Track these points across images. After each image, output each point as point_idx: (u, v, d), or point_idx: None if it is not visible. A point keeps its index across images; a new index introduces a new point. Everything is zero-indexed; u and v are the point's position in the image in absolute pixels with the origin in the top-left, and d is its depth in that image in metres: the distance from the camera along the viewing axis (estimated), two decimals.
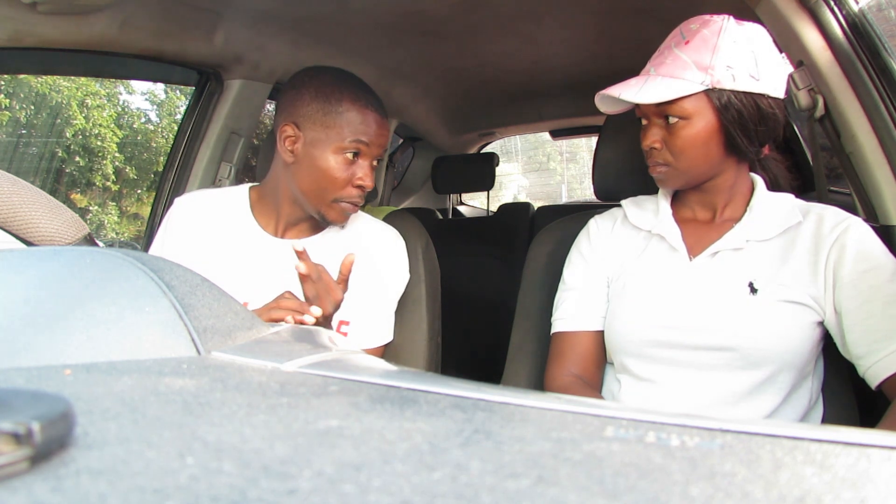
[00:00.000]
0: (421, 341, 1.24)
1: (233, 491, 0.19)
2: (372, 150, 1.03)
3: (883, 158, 1.08)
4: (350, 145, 1.01)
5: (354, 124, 1.01)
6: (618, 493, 0.20)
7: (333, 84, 1.03)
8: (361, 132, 1.01)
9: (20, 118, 4.61)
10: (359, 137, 1.01)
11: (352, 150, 1.01)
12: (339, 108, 1.01)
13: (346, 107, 1.01)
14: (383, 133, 1.04)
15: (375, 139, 1.03)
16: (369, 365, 0.45)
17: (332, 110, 1.01)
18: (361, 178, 1.03)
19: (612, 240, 1.04)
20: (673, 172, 0.92)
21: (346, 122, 1.01)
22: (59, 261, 0.42)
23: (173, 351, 0.37)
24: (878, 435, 0.26)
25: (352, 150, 1.01)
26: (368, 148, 1.02)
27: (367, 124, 1.02)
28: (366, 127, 1.02)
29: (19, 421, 0.20)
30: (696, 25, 0.89)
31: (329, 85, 1.03)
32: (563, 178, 12.86)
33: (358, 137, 1.01)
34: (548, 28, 1.77)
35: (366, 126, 1.02)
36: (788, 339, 0.86)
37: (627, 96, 0.88)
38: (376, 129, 1.03)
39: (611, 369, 1.03)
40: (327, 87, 1.03)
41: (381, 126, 1.04)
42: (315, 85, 1.03)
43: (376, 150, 1.04)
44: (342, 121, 1.01)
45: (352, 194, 1.03)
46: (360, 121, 1.01)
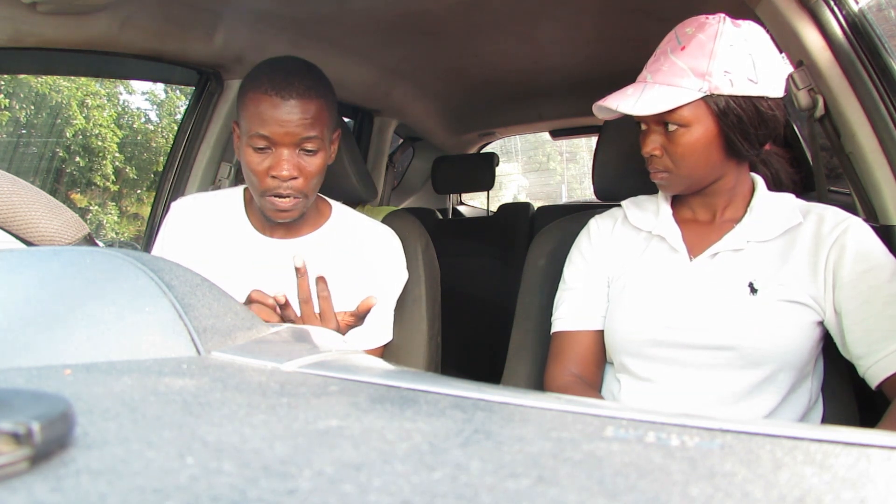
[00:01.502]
0: (421, 341, 1.24)
1: (233, 491, 0.19)
2: (280, 138, 0.95)
3: (883, 158, 1.08)
4: (252, 138, 0.96)
5: (252, 115, 0.96)
6: (618, 493, 0.20)
7: (252, 73, 1.01)
8: (258, 123, 0.96)
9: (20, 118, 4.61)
10: (257, 130, 0.96)
11: (258, 144, 0.96)
12: (244, 100, 0.99)
13: (248, 97, 0.97)
14: (288, 118, 0.95)
15: (279, 127, 0.95)
16: (369, 365, 0.45)
17: (241, 101, 0.99)
18: (273, 167, 0.96)
19: (613, 240, 1.04)
20: (674, 178, 0.92)
21: (247, 114, 0.97)
22: (59, 261, 0.42)
23: (173, 351, 0.37)
24: (878, 435, 0.26)
25: (258, 144, 0.96)
26: (273, 137, 0.96)
27: (262, 113, 0.95)
28: (266, 116, 0.95)
29: (19, 421, 0.20)
30: (691, 29, 0.88)
31: (249, 75, 1.01)
32: (563, 178, 12.85)
33: (256, 130, 0.96)
34: (547, 28, 1.77)
35: (261, 115, 0.95)
36: (788, 339, 0.86)
37: (625, 108, 0.88)
38: (277, 116, 0.95)
39: (611, 369, 1.03)
40: (247, 77, 1.01)
41: (285, 110, 0.95)
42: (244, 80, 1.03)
43: (287, 138, 0.96)
44: (245, 113, 0.98)
45: (271, 186, 0.97)
46: (259, 110, 0.96)
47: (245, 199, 1.13)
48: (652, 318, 0.93)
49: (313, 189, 1.03)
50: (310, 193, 1.02)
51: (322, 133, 0.99)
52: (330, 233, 1.12)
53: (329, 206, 1.16)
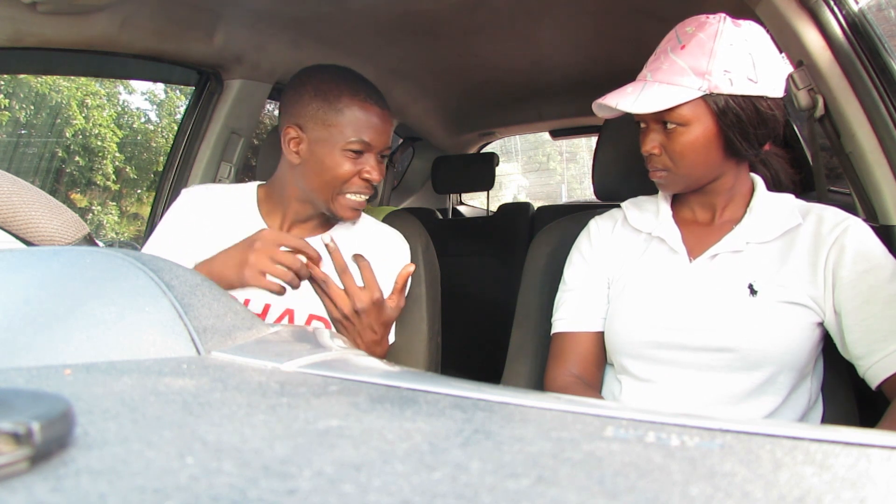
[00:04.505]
0: (421, 341, 1.24)
1: (233, 491, 0.19)
2: (376, 145, 1.02)
3: (883, 158, 1.08)
4: (354, 143, 1.00)
5: (356, 122, 1.00)
6: (618, 493, 0.20)
7: (332, 81, 1.03)
8: (362, 130, 1.01)
9: (20, 118, 4.61)
10: (361, 136, 1.00)
11: (355, 148, 1.01)
12: (339, 106, 1.00)
13: (345, 103, 1.01)
14: (386, 128, 1.04)
15: (378, 135, 1.02)
16: (369, 365, 0.45)
17: (332, 108, 1.01)
18: (368, 171, 1.02)
19: (613, 241, 1.04)
20: (673, 177, 0.92)
21: (348, 121, 1.00)
22: (59, 261, 0.42)
23: (173, 351, 0.37)
24: (878, 435, 0.26)
25: (355, 148, 1.01)
26: (372, 144, 1.02)
27: (368, 121, 1.01)
28: (367, 124, 1.01)
29: (19, 421, 0.20)
30: (691, 28, 0.88)
31: (327, 83, 1.02)
32: (562, 178, 12.86)
33: (360, 136, 1.00)
34: (547, 28, 1.77)
35: (367, 122, 1.01)
36: (788, 341, 0.86)
37: (624, 106, 0.88)
38: (379, 125, 1.02)
39: (611, 370, 1.03)
40: (326, 84, 1.02)
41: (384, 120, 1.03)
42: (314, 84, 1.03)
43: (381, 145, 1.03)
44: (343, 119, 1.00)
45: (358, 185, 1.03)
46: (361, 118, 1.01)
47: (259, 197, 1.12)
48: (652, 319, 0.93)
49: None
50: None
51: None
52: (341, 233, 1.12)
53: None
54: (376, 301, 0.89)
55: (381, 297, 0.90)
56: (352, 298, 0.89)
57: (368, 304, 0.89)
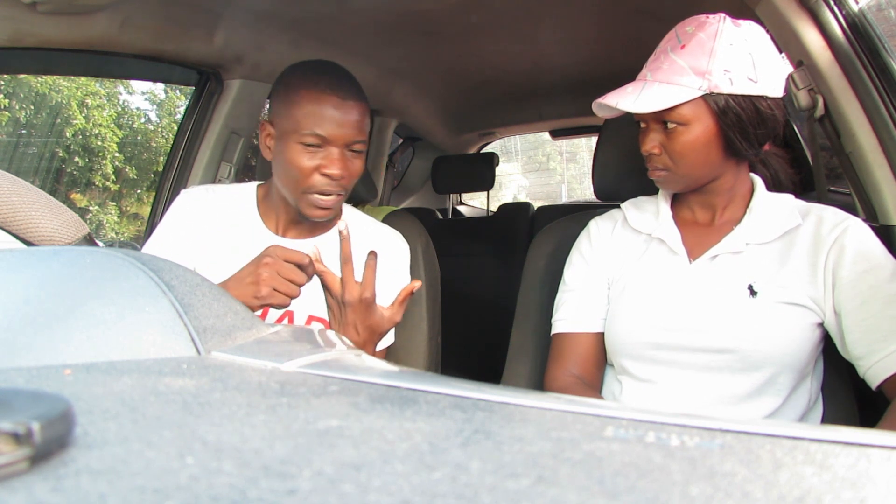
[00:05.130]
0: (421, 341, 1.24)
1: (233, 491, 0.19)
2: (335, 138, 0.98)
3: (883, 158, 1.08)
4: (307, 137, 0.97)
5: (310, 113, 0.97)
6: (618, 493, 0.20)
7: (295, 75, 1.02)
8: (317, 122, 0.97)
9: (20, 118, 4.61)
10: (313, 129, 0.97)
11: (311, 141, 0.97)
12: (296, 98, 0.99)
13: (301, 96, 0.98)
14: (348, 119, 0.98)
15: (337, 127, 0.97)
16: (369, 365, 0.45)
17: (291, 101, 0.99)
18: (326, 166, 0.98)
19: (613, 242, 1.04)
20: (672, 176, 0.92)
21: (303, 113, 0.98)
22: (59, 261, 0.42)
23: (173, 351, 0.37)
24: (878, 435, 0.26)
25: (311, 141, 0.97)
26: (328, 137, 0.97)
27: (323, 112, 0.97)
28: (322, 115, 0.97)
29: (19, 421, 0.20)
30: (691, 28, 0.89)
31: (292, 76, 1.02)
32: (562, 178, 12.86)
33: (312, 129, 0.97)
34: (548, 28, 1.77)
35: (322, 114, 0.97)
36: (788, 341, 0.86)
37: (624, 105, 0.88)
38: (337, 116, 0.97)
39: (611, 371, 1.03)
40: (289, 77, 1.02)
41: (345, 111, 0.98)
42: (284, 79, 1.03)
43: (342, 139, 0.98)
44: (299, 112, 0.98)
45: (318, 184, 0.99)
46: (315, 109, 0.97)
47: (258, 197, 1.12)
48: (652, 320, 0.93)
49: (350, 190, 1.05)
50: (347, 194, 1.05)
51: (367, 136, 1.03)
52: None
53: (339, 208, 1.16)
54: (364, 299, 0.88)
55: (370, 298, 0.88)
56: (343, 287, 0.88)
57: (356, 299, 0.88)
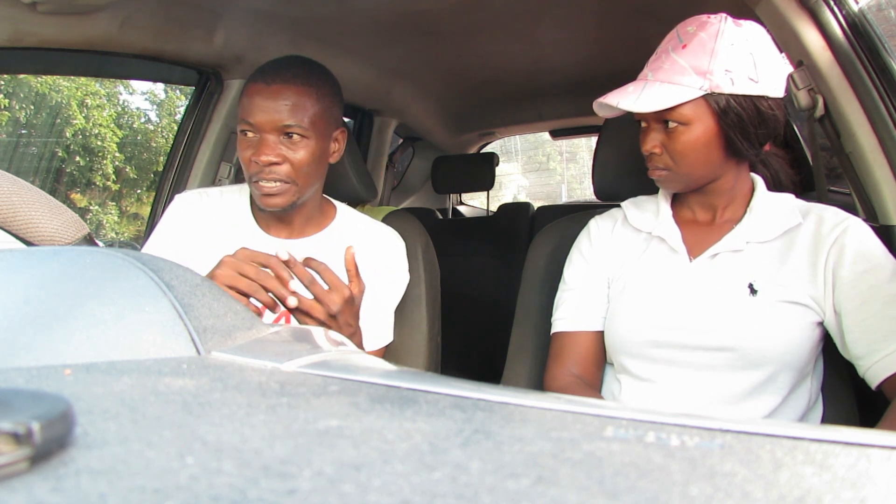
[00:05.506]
0: (421, 341, 1.24)
1: (233, 491, 0.19)
2: (263, 124, 0.97)
3: (883, 158, 1.08)
4: (242, 125, 1.00)
5: (243, 105, 1.00)
6: (618, 493, 0.20)
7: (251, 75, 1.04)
8: (246, 111, 0.99)
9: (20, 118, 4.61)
10: (244, 118, 0.99)
11: (244, 129, 1.00)
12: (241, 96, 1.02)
13: (243, 91, 1.02)
14: (272, 106, 0.97)
15: (261, 113, 0.97)
16: (369, 365, 0.45)
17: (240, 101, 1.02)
18: (255, 153, 0.98)
19: (613, 240, 1.04)
20: (673, 176, 0.92)
21: (242, 105, 1.01)
22: (59, 261, 0.42)
23: (173, 351, 0.37)
24: (878, 435, 0.26)
25: (244, 129, 1.00)
26: (255, 123, 0.98)
27: (251, 101, 0.98)
28: (249, 104, 0.98)
29: (19, 421, 0.20)
30: (693, 28, 0.89)
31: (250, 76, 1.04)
32: (563, 178, 12.86)
33: (244, 118, 0.99)
34: (548, 28, 1.77)
35: (249, 103, 0.99)
36: (788, 340, 0.86)
37: (626, 105, 0.88)
38: (261, 102, 0.97)
39: (611, 370, 1.03)
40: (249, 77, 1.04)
41: (269, 96, 0.97)
42: None
43: (271, 123, 0.97)
44: (241, 104, 1.01)
45: (254, 171, 0.99)
46: (245, 100, 0.99)
47: (251, 198, 1.12)
48: (652, 319, 0.93)
49: (305, 179, 1.02)
50: (300, 182, 1.01)
51: (309, 123, 0.99)
52: (335, 234, 1.12)
53: (334, 208, 1.16)
54: (347, 299, 0.87)
55: (350, 294, 0.87)
56: (325, 305, 0.85)
57: (342, 305, 0.86)
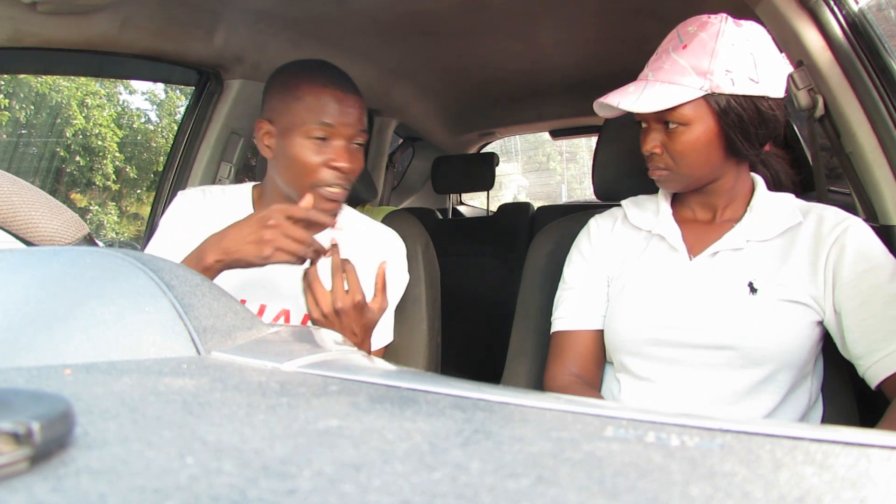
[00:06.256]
0: (421, 341, 1.24)
1: (233, 491, 0.19)
2: (341, 129, 1.00)
3: (883, 158, 1.08)
4: (314, 128, 0.99)
5: (313, 106, 0.99)
6: (618, 493, 0.20)
7: (293, 71, 1.03)
8: (321, 113, 0.99)
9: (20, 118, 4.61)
10: (320, 119, 0.98)
11: (317, 134, 0.99)
12: (298, 93, 1.00)
13: (304, 90, 1.00)
14: (349, 110, 1.00)
15: (341, 118, 0.99)
16: (369, 365, 0.45)
17: (291, 96, 1.00)
18: (335, 159, 0.99)
19: (613, 239, 1.04)
20: (673, 176, 0.92)
21: (305, 107, 0.99)
22: (59, 261, 0.42)
23: (173, 351, 0.37)
24: (878, 435, 0.26)
25: (317, 134, 0.99)
26: (335, 128, 0.99)
27: (326, 104, 0.99)
28: (324, 107, 0.99)
29: (19, 421, 0.20)
30: (693, 28, 0.89)
31: (289, 73, 1.03)
32: (562, 178, 12.86)
33: (320, 119, 0.98)
34: (548, 28, 1.77)
35: (326, 105, 0.99)
36: (788, 339, 0.86)
37: (626, 105, 0.88)
38: (338, 108, 0.99)
39: (610, 369, 1.03)
40: (286, 75, 1.03)
41: (347, 103, 1.00)
42: (280, 77, 1.04)
43: (347, 130, 1.00)
44: (301, 105, 1.00)
45: (327, 177, 1.00)
46: (319, 101, 0.99)
47: (254, 198, 1.12)
48: (651, 317, 0.93)
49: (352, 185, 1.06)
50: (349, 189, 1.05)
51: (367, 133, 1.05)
52: (337, 234, 1.12)
53: None
54: (357, 304, 0.89)
55: (362, 301, 0.90)
56: (335, 297, 0.89)
57: (349, 306, 0.89)
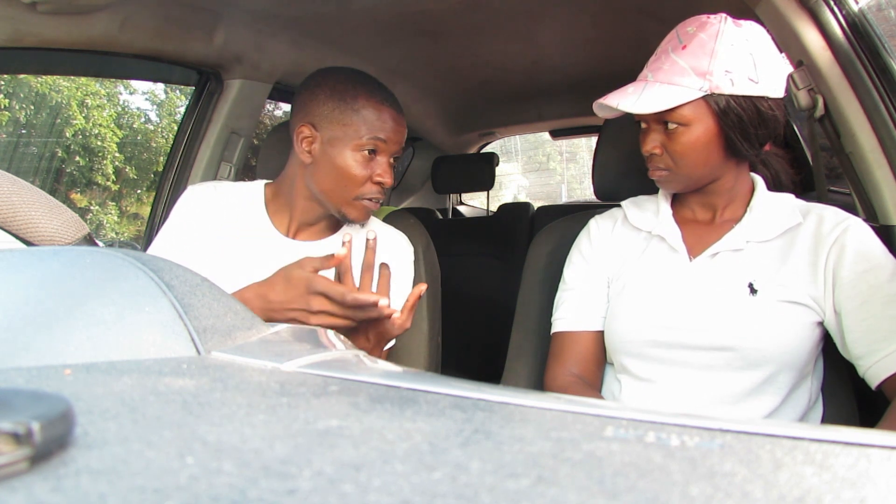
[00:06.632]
0: (421, 341, 1.24)
1: (233, 491, 0.19)
2: (390, 146, 1.03)
3: (883, 158, 1.08)
4: (368, 142, 1.00)
5: (371, 121, 1.01)
6: (618, 493, 0.20)
7: (348, 82, 1.03)
8: (378, 129, 1.01)
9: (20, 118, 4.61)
10: (376, 134, 1.01)
11: (369, 147, 1.01)
12: (356, 106, 1.01)
13: (361, 104, 1.01)
14: (400, 129, 1.04)
15: (393, 135, 1.03)
16: (369, 365, 0.45)
17: (349, 108, 1.01)
18: (381, 174, 1.02)
19: (613, 240, 1.04)
20: (673, 176, 0.92)
21: (363, 120, 1.01)
22: (59, 261, 0.42)
23: (173, 351, 0.37)
24: (878, 435, 0.26)
25: (369, 147, 1.01)
26: (386, 145, 1.02)
27: (383, 121, 1.02)
28: (382, 123, 1.01)
29: (19, 421, 0.20)
30: (692, 28, 0.89)
31: (344, 83, 1.03)
32: (562, 178, 12.86)
33: (375, 134, 1.01)
34: (548, 28, 1.77)
35: (382, 122, 1.01)
36: (788, 340, 0.86)
37: (625, 106, 0.88)
38: (393, 126, 1.03)
39: (611, 369, 1.03)
40: (342, 84, 1.03)
41: (398, 122, 1.04)
42: (330, 84, 1.03)
43: (394, 147, 1.04)
44: (358, 118, 1.01)
45: (372, 191, 1.03)
46: (376, 117, 1.01)
47: (266, 197, 1.11)
48: (652, 318, 0.93)
49: None
50: None
51: None
52: (370, 234, 1.11)
53: None
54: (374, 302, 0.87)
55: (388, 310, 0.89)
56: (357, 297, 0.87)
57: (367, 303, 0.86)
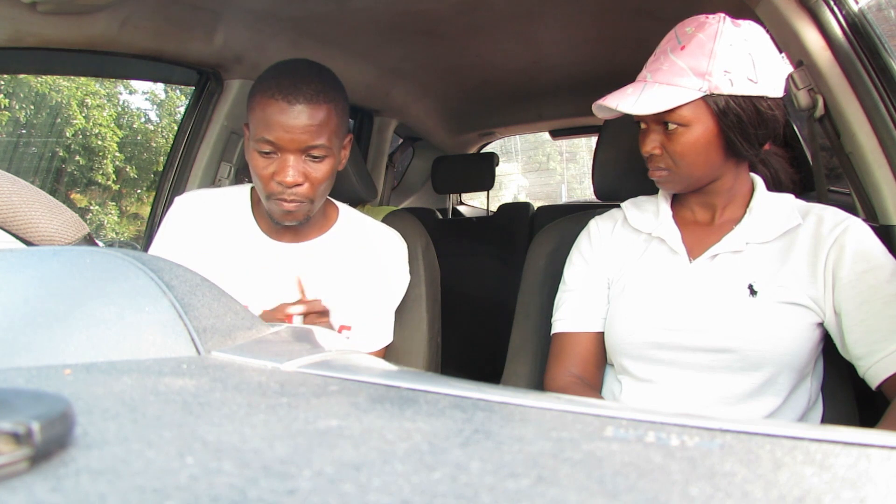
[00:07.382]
0: (421, 341, 1.24)
1: (233, 491, 0.19)
2: (288, 144, 0.94)
3: (883, 158, 1.08)
4: (260, 143, 0.95)
5: (261, 119, 0.94)
6: (618, 493, 0.20)
7: (259, 79, 0.99)
8: (265, 127, 0.94)
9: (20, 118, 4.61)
10: (262, 134, 0.94)
11: (264, 149, 0.95)
12: (252, 104, 0.97)
13: (256, 101, 0.96)
14: (296, 125, 0.93)
15: (285, 132, 0.93)
16: (369, 365, 0.45)
17: (250, 106, 0.98)
18: (278, 172, 0.95)
19: (613, 241, 1.04)
20: (673, 177, 0.92)
21: (256, 118, 0.95)
22: (59, 261, 0.42)
23: (173, 351, 0.37)
24: (878, 435, 0.26)
25: (264, 149, 0.95)
26: (279, 143, 0.94)
27: (271, 117, 0.93)
28: (270, 120, 0.93)
29: (19, 421, 0.20)
30: (691, 28, 0.88)
31: (257, 79, 1.00)
32: (562, 178, 12.85)
33: (262, 134, 0.94)
34: (548, 28, 1.77)
35: (270, 119, 0.93)
36: (788, 341, 0.86)
37: (625, 107, 0.88)
38: (284, 122, 0.93)
39: (611, 371, 1.03)
40: (256, 81, 1.00)
41: (292, 116, 0.93)
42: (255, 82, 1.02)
43: (294, 143, 0.94)
44: (253, 117, 0.97)
45: (275, 191, 0.96)
46: (265, 114, 0.94)
47: (252, 200, 1.11)
48: (651, 320, 0.93)
49: (321, 195, 1.01)
50: (316, 199, 1.00)
51: (330, 139, 0.97)
52: (337, 236, 1.11)
53: (336, 209, 1.15)
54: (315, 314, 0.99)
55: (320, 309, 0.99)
56: None
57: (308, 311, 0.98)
